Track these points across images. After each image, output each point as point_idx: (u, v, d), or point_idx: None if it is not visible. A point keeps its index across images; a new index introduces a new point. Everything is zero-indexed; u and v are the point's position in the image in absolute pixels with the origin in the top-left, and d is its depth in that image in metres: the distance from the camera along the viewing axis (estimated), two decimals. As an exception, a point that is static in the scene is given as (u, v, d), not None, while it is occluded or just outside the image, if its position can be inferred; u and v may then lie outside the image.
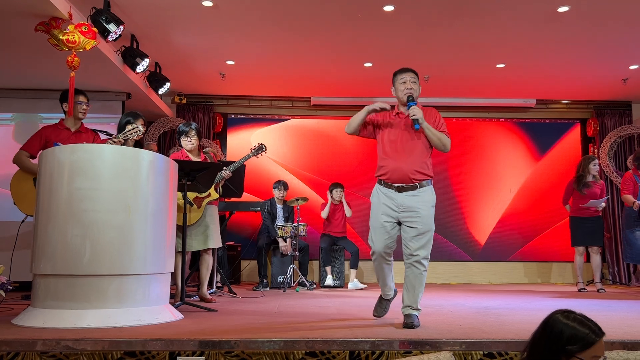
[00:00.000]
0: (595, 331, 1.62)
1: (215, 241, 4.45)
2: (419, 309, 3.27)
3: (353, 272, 6.38)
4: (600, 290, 5.85)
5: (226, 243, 6.22)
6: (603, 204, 5.91)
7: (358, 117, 3.43)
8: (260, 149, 4.81)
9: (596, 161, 5.99)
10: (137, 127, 3.82)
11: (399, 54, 5.96)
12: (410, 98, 3.31)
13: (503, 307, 4.30)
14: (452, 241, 7.60)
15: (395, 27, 5.26)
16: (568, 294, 5.62)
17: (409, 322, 3.13)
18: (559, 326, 1.63)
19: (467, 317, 3.61)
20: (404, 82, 3.38)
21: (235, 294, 5.19)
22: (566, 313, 1.67)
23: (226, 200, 6.20)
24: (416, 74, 3.44)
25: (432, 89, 7.11)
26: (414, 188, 3.28)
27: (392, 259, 3.53)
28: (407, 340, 2.67)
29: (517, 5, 4.76)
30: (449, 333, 2.87)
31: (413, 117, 3.23)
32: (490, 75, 6.62)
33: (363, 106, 3.49)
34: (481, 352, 2.59)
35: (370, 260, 3.59)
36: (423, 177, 3.29)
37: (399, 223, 3.34)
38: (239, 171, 5.54)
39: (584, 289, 5.96)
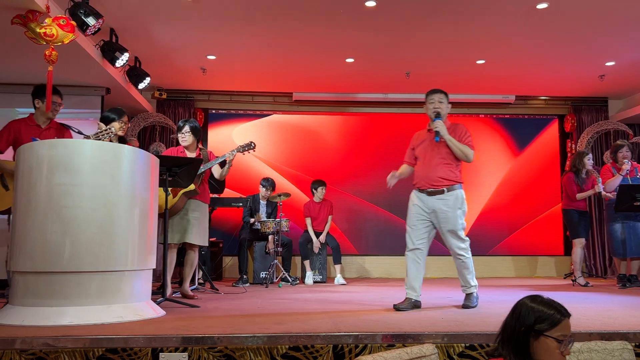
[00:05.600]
0: (561, 311, 1.70)
1: (196, 237, 4.40)
2: (472, 286, 3.86)
3: (337, 267, 6.39)
4: (586, 285, 5.94)
5: (209, 239, 6.18)
6: (600, 187, 5.89)
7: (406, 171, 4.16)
8: (249, 146, 4.75)
9: (590, 155, 6.03)
10: (110, 128, 3.76)
11: (381, 50, 5.98)
12: (437, 114, 3.82)
13: (484, 300, 4.35)
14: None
15: (377, 23, 5.27)
16: (547, 287, 5.72)
17: (464, 303, 3.81)
18: (527, 308, 1.72)
19: (449, 311, 3.66)
20: (432, 102, 3.88)
21: (218, 290, 5.17)
22: (533, 297, 1.76)
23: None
24: (444, 94, 3.91)
25: (413, 85, 7.15)
26: (441, 192, 3.78)
27: (422, 260, 3.92)
28: (390, 334, 2.70)
29: (497, 2, 4.81)
30: (432, 326, 2.90)
31: (435, 129, 3.76)
32: (470, 71, 6.68)
33: (346, 102, 3.64)
34: (463, 345, 2.62)
35: (350, 255, 3.72)
36: (449, 182, 3.78)
37: (432, 223, 3.88)
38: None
39: (589, 283, 5.86)
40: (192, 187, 4.35)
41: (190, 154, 4.51)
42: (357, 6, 4.88)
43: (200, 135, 4.68)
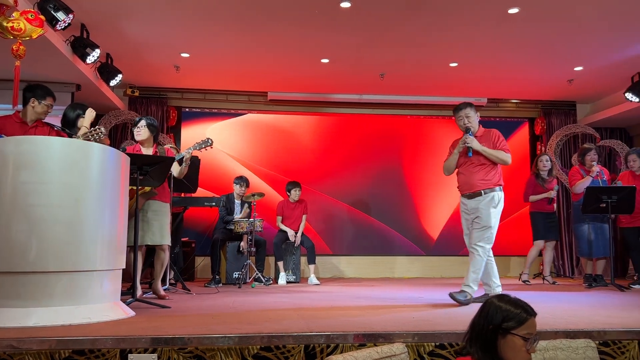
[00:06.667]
0: (528, 310, 1.75)
1: (157, 237, 4.32)
2: (468, 285, 4.00)
3: (312, 267, 6.39)
4: (554, 283, 6.10)
5: (181, 239, 6.12)
6: (553, 193, 6.11)
7: (453, 160, 4.32)
8: (206, 142, 4.70)
9: (544, 157, 6.20)
10: (99, 128, 3.70)
11: (356, 51, 6.01)
12: (467, 130, 4.13)
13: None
14: (406, 236, 7.74)
15: (352, 24, 5.29)
16: (516, 287, 5.82)
17: (451, 292, 3.99)
18: (495, 307, 1.76)
19: (420, 310, 3.69)
20: (460, 119, 4.21)
21: (190, 290, 5.12)
22: (501, 296, 1.81)
23: (181, 195, 6.10)
24: (470, 106, 4.22)
25: (387, 87, 7.21)
26: (479, 194, 4.09)
27: (479, 254, 4.11)
28: (361, 333, 2.71)
29: (470, 5, 4.88)
30: (402, 325, 2.93)
31: (468, 145, 4.09)
32: (443, 73, 6.76)
33: (321, 102, 3.64)
34: (433, 344, 2.65)
35: (325, 256, 3.75)
36: (486, 185, 4.09)
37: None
38: (194, 166, 5.46)
39: (528, 281, 6.18)
40: (147, 188, 4.27)
41: (146, 151, 4.42)
42: (332, 7, 4.89)
43: (158, 133, 4.62)
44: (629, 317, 3.30)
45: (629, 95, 6.68)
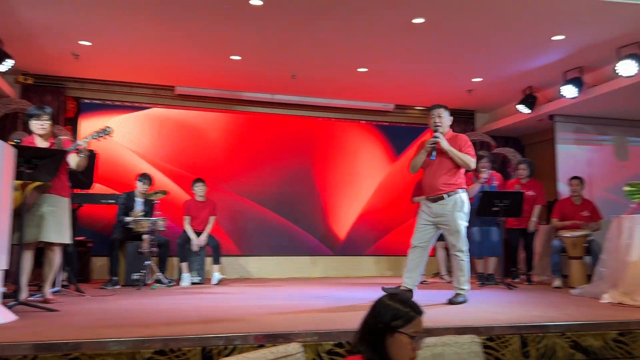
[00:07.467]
0: (415, 309, 1.80)
1: (53, 235, 4.00)
2: (461, 288, 4.14)
3: (216, 267, 6.25)
4: (450, 282, 6.39)
5: (75, 238, 5.73)
6: None
7: (420, 159, 4.30)
8: (104, 131, 4.37)
9: None
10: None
11: (267, 50, 5.97)
12: (436, 130, 4.20)
13: (358, 298, 4.52)
14: (314, 236, 7.81)
15: (263, 22, 5.25)
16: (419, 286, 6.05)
17: (450, 299, 4.10)
18: (385, 306, 1.79)
19: (323, 309, 3.74)
20: (432, 117, 4.28)
21: (83, 292, 4.83)
22: (391, 295, 1.85)
23: (74, 191, 5.72)
24: (444, 108, 4.29)
25: (299, 88, 7.24)
26: (442, 199, 4.15)
27: (425, 253, 4.32)
28: (262, 334, 2.69)
29: (376, 13, 5.01)
30: (303, 325, 2.94)
31: (436, 141, 4.13)
32: (353, 78, 6.90)
33: (231, 99, 3.58)
34: (331, 343, 2.68)
35: (232, 256, 3.66)
36: (449, 188, 4.15)
37: (436, 226, 4.25)
38: (90, 160, 5.12)
39: (426, 281, 6.40)
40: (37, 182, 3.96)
41: (42, 143, 4.11)
42: (243, 3, 4.81)
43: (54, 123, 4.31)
44: (513, 313, 3.54)
45: (520, 107, 7.22)
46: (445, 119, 4.27)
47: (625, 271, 4.26)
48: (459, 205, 4.17)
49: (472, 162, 4.21)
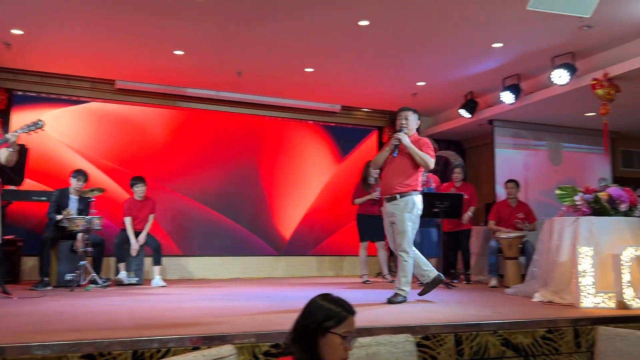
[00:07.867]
0: (348, 309, 1.80)
1: None
2: (401, 289, 4.19)
3: (156, 268, 6.05)
4: (392, 281, 6.48)
5: (4, 237, 5.41)
6: (376, 194, 6.47)
7: (383, 155, 4.43)
8: (36, 125, 4.18)
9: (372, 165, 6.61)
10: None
11: (212, 46, 5.86)
12: (401, 129, 4.34)
13: (299, 297, 4.48)
14: (259, 236, 7.74)
15: (207, 18, 5.15)
16: (357, 285, 6.12)
17: (388, 298, 4.17)
18: (317, 306, 1.79)
19: (263, 310, 3.70)
20: (400, 118, 4.44)
21: (10, 294, 4.56)
22: (324, 295, 1.84)
23: (4, 187, 5.41)
24: (413, 111, 4.49)
25: (245, 86, 7.16)
26: (395, 199, 4.26)
27: (405, 260, 4.28)
28: (197, 336, 2.62)
29: (322, 14, 5.01)
30: (242, 326, 2.90)
31: (398, 138, 4.27)
32: (299, 78, 6.89)
33: (175, 95, 3.48)
34: (269, 344, 2.65)
35: (173, 257, 3.59)
36: (403, 189, 4.25)
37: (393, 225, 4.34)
38: (20, 155, 4.86)
39: (369, 280, 6.52)
40: None
41: None
42: (187, -3, 4.70)
43: None
44: (449, 312, 3.62)
45: (462, 112, 7.42)
46: (411, 121, 4.44)
47: (554, 271, 4.44)
48: (409, 207, 4.26)
49: (431, 162, 4.34)
